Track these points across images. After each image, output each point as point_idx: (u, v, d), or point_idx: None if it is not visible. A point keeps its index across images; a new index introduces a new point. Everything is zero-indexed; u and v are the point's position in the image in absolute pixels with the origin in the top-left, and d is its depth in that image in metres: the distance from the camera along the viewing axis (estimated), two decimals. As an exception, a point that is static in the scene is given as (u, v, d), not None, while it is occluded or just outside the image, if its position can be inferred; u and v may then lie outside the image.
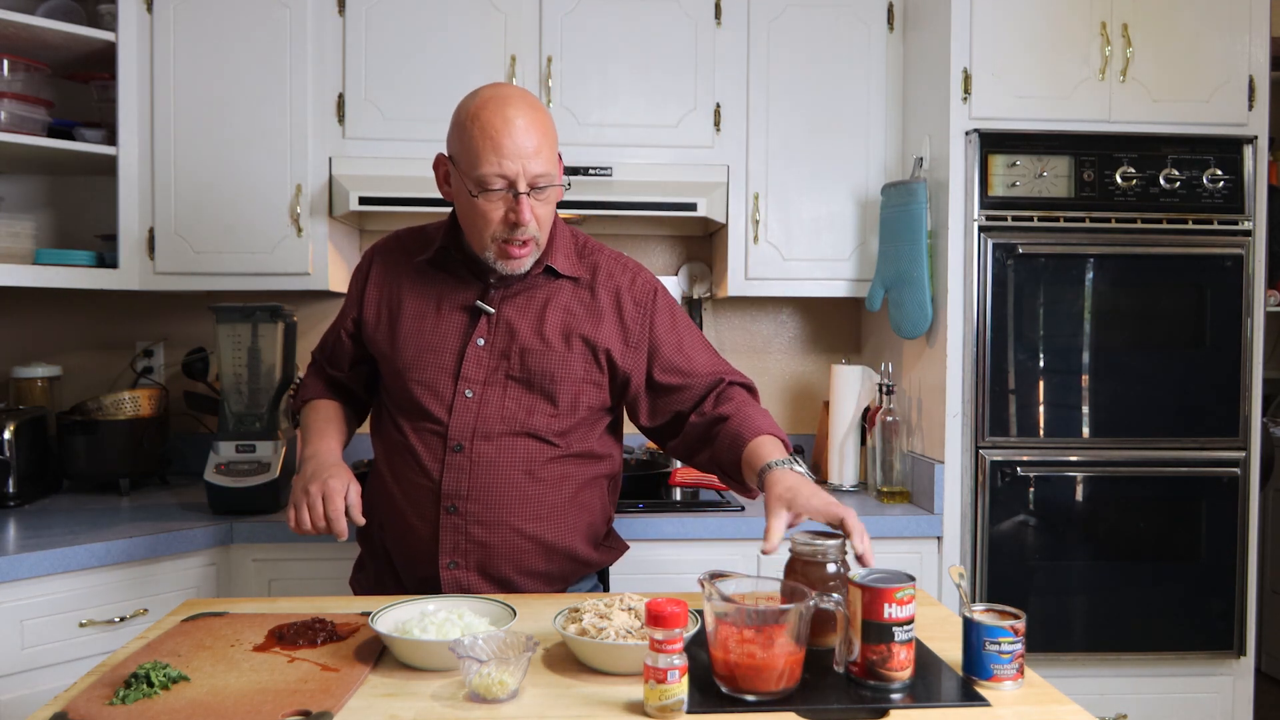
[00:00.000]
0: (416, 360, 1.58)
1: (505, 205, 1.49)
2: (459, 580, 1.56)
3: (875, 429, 2.44)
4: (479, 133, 1.47)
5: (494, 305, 1.58)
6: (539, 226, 1.52)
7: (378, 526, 1.66)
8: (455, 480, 1.54)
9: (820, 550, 1.27)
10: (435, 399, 1.56)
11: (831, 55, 2.51)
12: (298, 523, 1.49)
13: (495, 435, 1.55)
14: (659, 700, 1.06)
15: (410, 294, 1.63)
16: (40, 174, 2.62)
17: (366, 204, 2.34)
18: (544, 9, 2.43)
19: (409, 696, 1.11)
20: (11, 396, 2.54)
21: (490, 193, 1.48)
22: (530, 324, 1.58)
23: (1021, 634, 1.16)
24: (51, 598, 1.85)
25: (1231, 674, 2.29)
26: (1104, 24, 2.24)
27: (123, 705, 1.07)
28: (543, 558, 1.59)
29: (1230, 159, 2.25)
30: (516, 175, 1.46)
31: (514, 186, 1.47)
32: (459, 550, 1.56)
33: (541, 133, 1.49)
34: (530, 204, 1.49)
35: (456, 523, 1.55)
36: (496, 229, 1.50)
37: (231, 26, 2.37)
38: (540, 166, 1.48)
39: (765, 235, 2.51)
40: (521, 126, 1.47)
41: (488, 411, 1.55)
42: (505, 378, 1.56)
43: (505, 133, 1.46)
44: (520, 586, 1.58)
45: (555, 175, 1.52)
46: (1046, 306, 2.24)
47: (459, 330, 1.59)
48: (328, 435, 1.65)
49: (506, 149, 1.45)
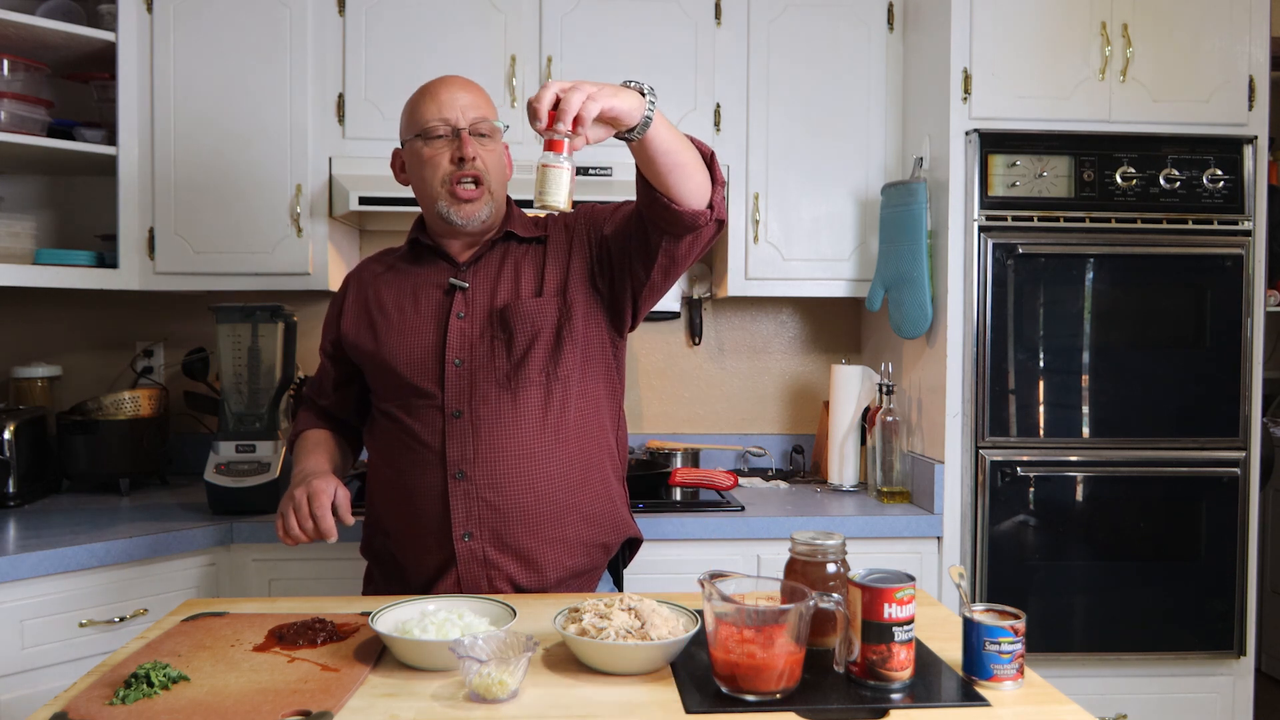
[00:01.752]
0: (401, 344, 1.62)
1: (450, 147, 1.60)
2: (475, 553, 1.55)
3: (875, 429, 2.44)
4: (419, 96, 1.64)
5: (466, 280, 1.63)
6: (486, 170, 1.61)
7: (380, 534, 1.66)
8: (460, 446, 1.56)
9: (820, 550, 1.27)
10: (425, 375, 1.60)
11: (831, 55, 2.51)
12: (285, 530, 1.50)
13: (492, 396, 1.57)
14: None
15: (387, 292, 1.69)
16: (40, 174, 2.62)
17: (366, 204, 2.34)
18: (544, 9, 2.43)
19: (409, 696, 1.11)
20: (11, 396, 2.54)
21: (434, 140, 1.60)
22: (506, 286, 1.63)
23: (1021, 634, 1.16)
24: (51, 598, 1.85)
25: (1231, 674, 2.29)
26: (1104, 24, 2.24)
27: (123, 705, 1.07)
28: (562, 521, 1.58)
29: (1230, 159, 2.25)
30: (455, 119, 1.60)
31: (455, 128, 1.60)
32: (472, 518, 1.55)
33: (476, 93, 1.65)
34: (475, 145, 1.60)
35: (467, 489, 1.55)
36: (444, 171, 1.60)
37: (231, 26, 2.37)
38: (477, 113, 1.62)
39: (765, 235, 2.51)
40: (456, 85, 1.64)
41: (480, 375, 1.58)
42: (491, 340, 1.59)
43: (442, 87, 1.63)
44: (537, 555, 1.57)
45: (497, 126, 1.65)
46: (1046, 306, 2.24)
47: (438, 309, 1.63)
48: (315, 454, 1.68)
49: (444, 99, 1.61)
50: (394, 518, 1.63)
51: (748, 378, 2.91)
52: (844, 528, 2.16)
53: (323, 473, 1.58)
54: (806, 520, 2.19)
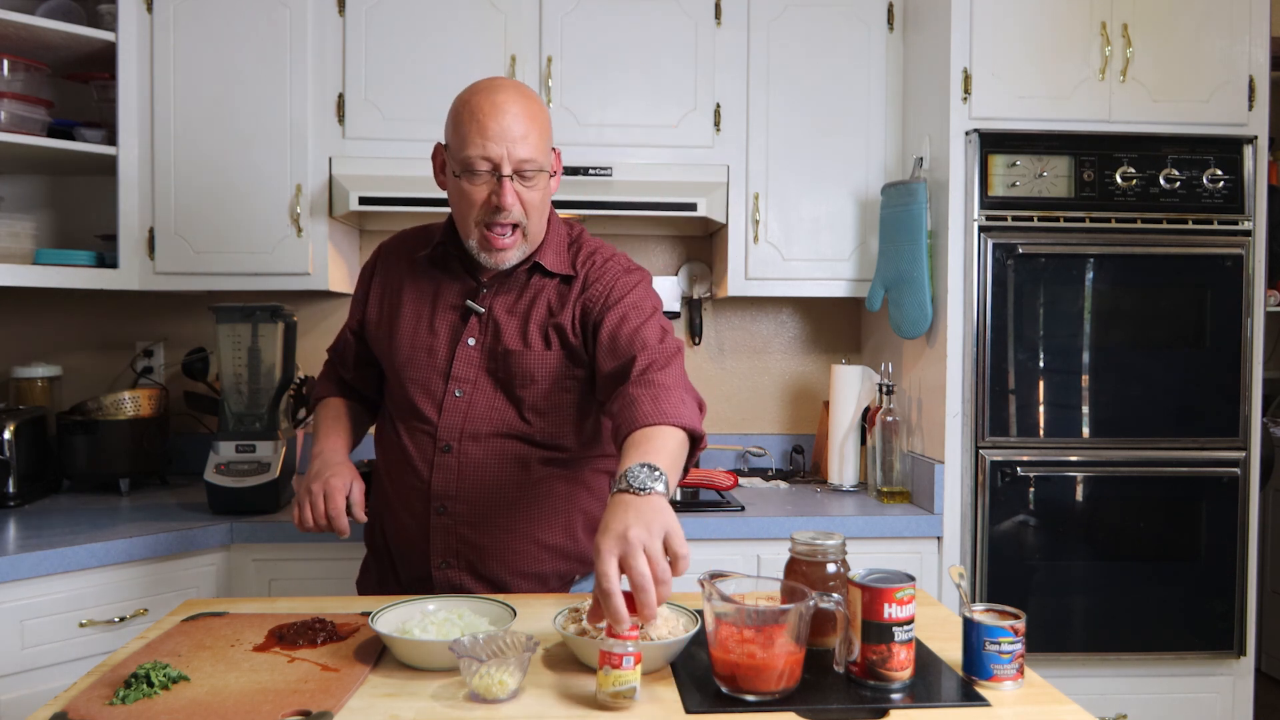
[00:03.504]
0: (411, 359, 1.59)
1: (489, 188, 1.48)
2: (451, 580, 1.56)
3: (875, 429, 2.44)
4: (467, 116, 1.48)
5: (484, 304, 1.57)
6: (525, 213, 1.51)
7: (380, 526, 1.67)
8: (444, 481, 1.54)
9: (820, 550, 1.26)
10: (427, 398, 1.57)
11: (831, 55, 2.51)
12: (300, 520, 1.52)
13: (483, 436, 1.54)
14: (613, 686, 1.07)
15: (409, 292, 1.63)
16: (40, 174, 2.62)
17: (366, 204, 2.34)
18: (544, 9, 2.43)
19: (409, 696, 1.11)
20: (11, 396, 2.54)
21: (474, 175, 1.48)
22: (515, 324, 1.56)
23: (1021, 634, 1.16)
24: (51, 598, 1.85)
25: (1231, 674, 2.29)
26: (1104, 24, 2.24)
27: (123, 705, 1.07)
28: (535, 558, 1.58)
29: (1230, 159, 2.25)
30: (501, 158, 1.46)
31: (498, 169, 1.47)
32: (449, 550, 1.56)
33: (530, 119, 1.49)
34: (515, 189, 1.48)
35: (446, 523, 1.55)
36: (479, 213, 1.50)
37: (231, 26, 2.37)
38: (526, 152, 1.47)
39: (765, 235, 2.51)
40: (509, 112, 1.47)
41: (476, 413, 1.55)
42: (491, 378, 1.56)
43: (491, 116, 1.46)
44: (513, 587, 1.57)
45: (544, 164, 1.51)
46: (1046, 306, 2.24)
47: (451, 329, 1.58)
48: (334, 434, 1.66)
49: (491, 131, 1.46)
50: (387, 523, 1.65)
51: (747, 378, 2.91)
52: (844, 528, 2.16)
53: (340, 464, 1.57)
54: (806, 520, 2.19)
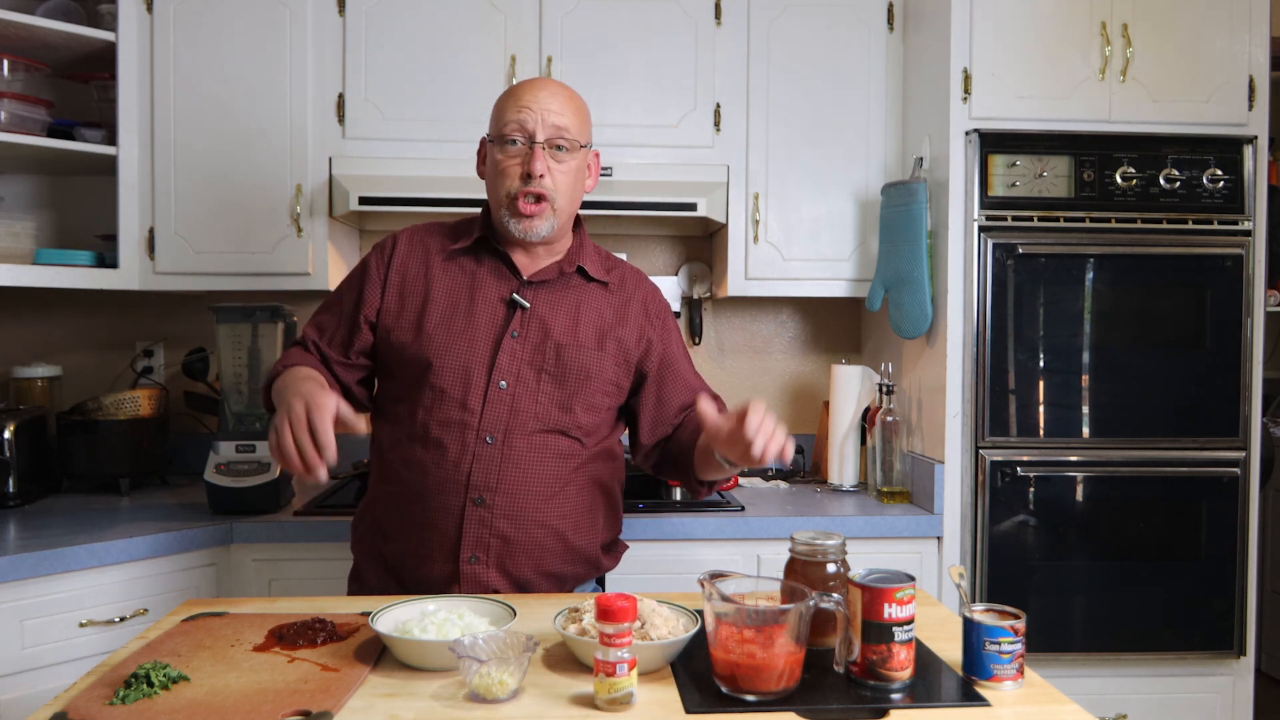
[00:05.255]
0: (447, 347, 1.56)
1: (521, 158, 1.55)
2: (478, 576, 1.54)
3: (875, 429, 2.44)
4: (507, 96, 1.59)
5: (528, 300, 1.60)
6: (555, 187, 1.56)
7: (377, 533, 1.64)
8: (485, 472, 1.53)
9: (820, 550, 1.27)
10: (467, 388, 1.55)
11: (831, 55, 2.51)
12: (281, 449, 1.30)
13: (530, 430, 1.55)
14: (608, 693, 1.07)
15: (440, 283, 1.61)
16: (40, 174, 2.62)
17: (366, 204, 2.34)
18: (544, 9, 2.43)
19: (409, 696, 1.11)
20: (11, 396, 2.54)
21: (508, 145, 1.55)
22: (565, 321, 1.60)
23: (1021, 634, 1.16)
24: (51, 598, 1.85)
25: (1231, 674, 2.29)
26: (1104, 24, 2.24)
27: (123, 705, 1.07)
28: (560, 557, 1.59)
29: (1230, 159, 2.25)
30: (534, 127, 1.54)
31: (531, 138, 1.54)
32: (481, 544, 1.54)
33: (567, 99, 1.58)
34: (547, 161, 1.55)
35: (483, 515, 1.54)
36: (511, 183, 1.55)
37: (231, 26, 2.37)
38: (561, 121, 1.55)
39: (765, 235, 2.51)
40: (546, 88, 1.57)
41: (522, 405, 1.55)
42: (539, 372, 1.57)
43: (528, 89, 1.56)
44: (534, 586, 1.57)
45: (579, 139, 1.58)
46: (1046, 306, 2.24)
47: (494, 321, 1.58)
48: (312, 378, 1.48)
49: (526, 100, 1.55)
50: (400, 525, 1.59)
51: (748, 378, 2.91)
52: (844, 528, 2.16)
53: (322, 388, 1.41)
54: (806, 520, 2.19)
